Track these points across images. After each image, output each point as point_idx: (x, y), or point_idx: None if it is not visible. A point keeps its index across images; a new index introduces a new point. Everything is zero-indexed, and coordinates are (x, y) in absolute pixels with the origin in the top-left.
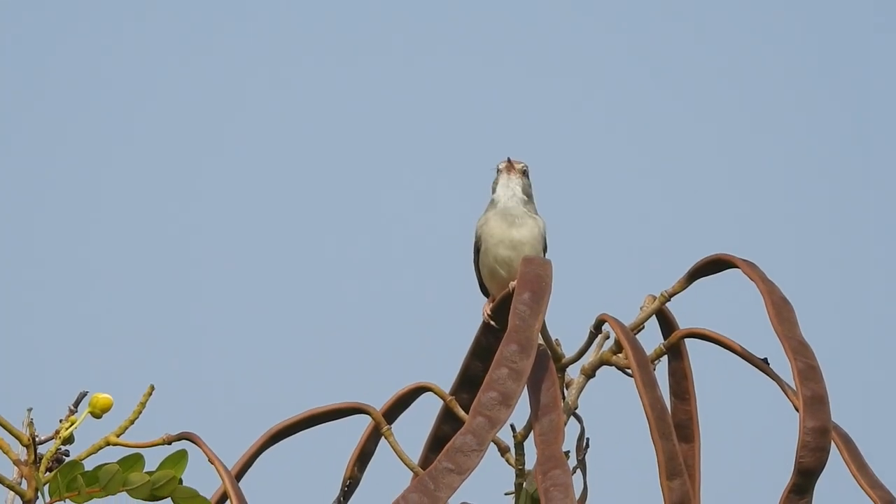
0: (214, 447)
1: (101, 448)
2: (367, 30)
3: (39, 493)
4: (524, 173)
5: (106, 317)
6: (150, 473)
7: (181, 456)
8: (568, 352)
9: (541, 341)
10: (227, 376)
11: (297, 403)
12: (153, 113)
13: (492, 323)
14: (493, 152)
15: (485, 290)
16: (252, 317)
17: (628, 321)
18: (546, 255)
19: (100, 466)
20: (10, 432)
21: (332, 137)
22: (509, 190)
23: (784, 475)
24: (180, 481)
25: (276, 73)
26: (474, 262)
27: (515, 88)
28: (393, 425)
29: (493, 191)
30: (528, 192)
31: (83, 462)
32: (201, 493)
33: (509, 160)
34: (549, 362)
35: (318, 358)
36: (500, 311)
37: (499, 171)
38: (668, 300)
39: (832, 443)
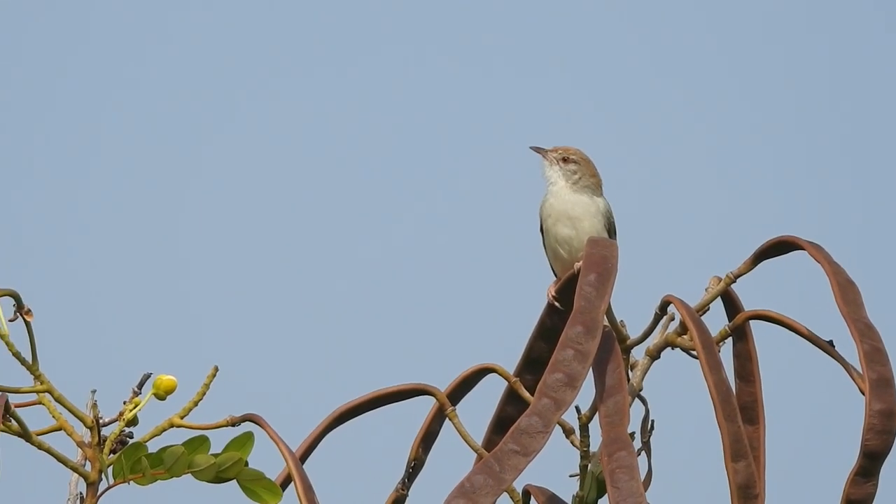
0: (278, 429)
1: (164, 430)
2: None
3: (103, 475)
4: (564, 160)
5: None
6: (215, 455)
7: (247, 438)
8: (633, 333)
9: (606, 323)
10: (293, 359)
11: (363, 386)
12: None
13: (556, 304)
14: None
15: (555, 273)
16: (318, 300)
17: (693, 303)
18: (615, 237)
19: (165, 448)
20: (75, 414)
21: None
22: (550, 175)
23: (850, 458)
24: (246, 463)
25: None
26: (543, 244)
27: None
28: (457, 407)
29: (544, 176)
30: (572, 176)
31: (147, 444)
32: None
33: (538, 148)
34: (614, 344)
35: (384, 340)
36: (565, 291)
37: (545, 158)
38: (734, 282)
39: None
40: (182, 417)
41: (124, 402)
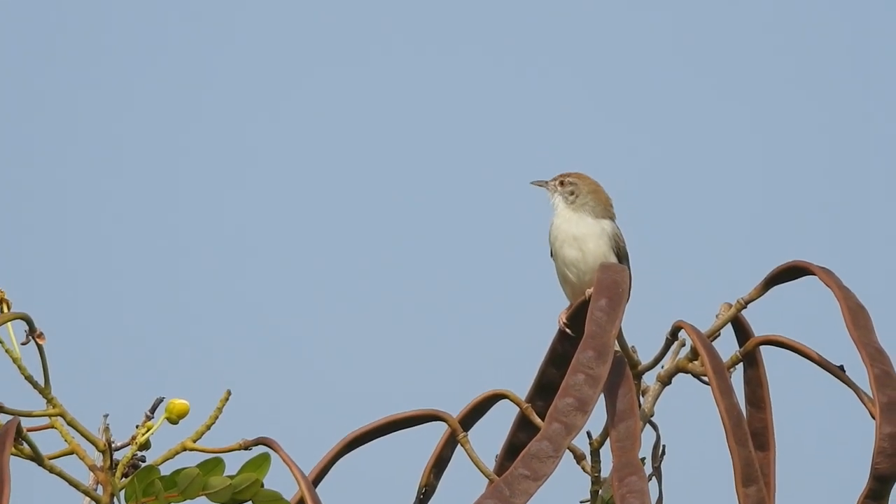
0: (291, 453)
1: (177, 453)
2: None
3: (115, 499)
4: (561, 183)
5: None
6: (230, 477)
7: (263, 459)
8: (644, 359)
9: (617, 348)
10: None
11: (375, 411)
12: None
13: (567, 330)
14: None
15: (567, 296)
16: (331, 324)
17: (704, 328)
18: (627, 262)
19: (179, 471)
20: (87, 438)
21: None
22: (554, 202)
23: (860, 482)
24: (262, 485)
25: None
26: (555, 270)
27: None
28: (469, 432)
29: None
30: (570, 197)
31: (159, 467)
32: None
33: (539, 182)
34: (625, 369)
35: (397, 365)
36: (576, 318)
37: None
38: (745, 307)
39: None
40: (195, 441)
41: (137, 426)
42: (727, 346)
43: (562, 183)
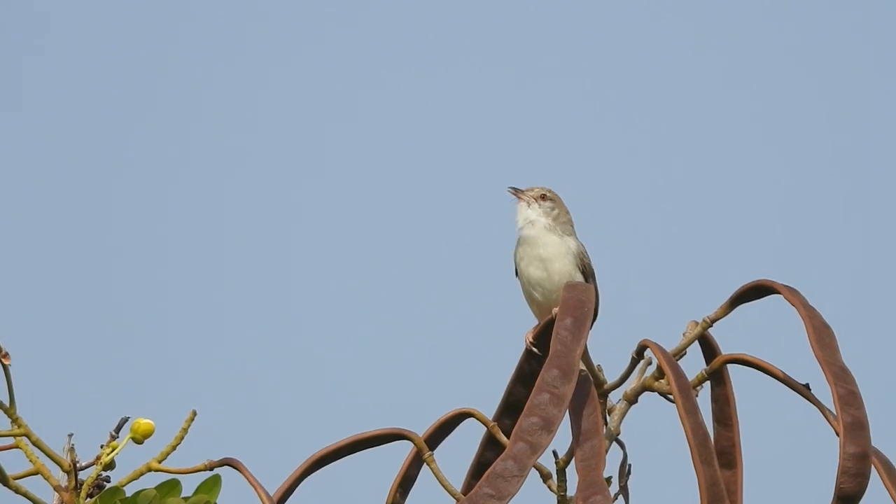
0: (257, 473)
1: (142, 474)
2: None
3: None
4: (543, 197)
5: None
6: (186, 499)
7: (215, 482)
8: (610, 377)
9: (583, 367)
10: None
11: (341, 430)
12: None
13: (534, 349)
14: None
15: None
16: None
17: (671, 347)
18: (593, 281)
19: (139, 492)
20: (52, 458)
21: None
22: (523, 217)
23: (824, 501)
24: None
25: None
26: (521, 288)
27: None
28: (435, 451)
29: (517, 215)
30: (552, 213)
31: (124, 488)
32: None
33: (515, 189)
34: (590, 388)
35: (363, 384)
36: (543, 337)
37: (517, 199)
38: (711, 326)
39: (872, 468)
40: (160, 461)
41: (101, 446)
42: (694, 364)
43: (543, 197)
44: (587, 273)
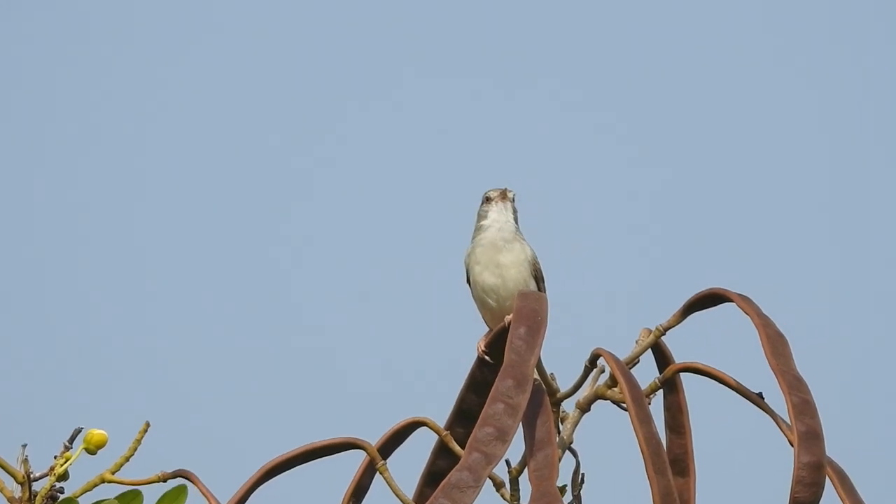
0: (209, 484)
1: (96, 485)
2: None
3: None
4: (513, 200)
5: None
6: None
7: (180, 491)
8: (563, 386)
9: (536, 376)
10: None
11: (293, 439)
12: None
13: (486, 357)
14: (480, 180)
15: (486, 322)
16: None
17: (623, 355)
18: (543, 285)
19: (98, 503)
20: (5, 469)
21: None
22: (503, 218)
23: None
24: None
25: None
26: (471, 294)
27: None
28: (388, 460)
29: (484, 218)
30: (517, 220)
31: (78, 499)
32: None
33: (504, 189)
34: (543, 397)
35: (314, 392)
36: (495, 344)
37: (489, 199)
38: (664, 334)
39: (827, 478)
40: (114, 473)
41: (55, 457)
42: (648, 372)
43: (513, 200)
44: (538, 278)
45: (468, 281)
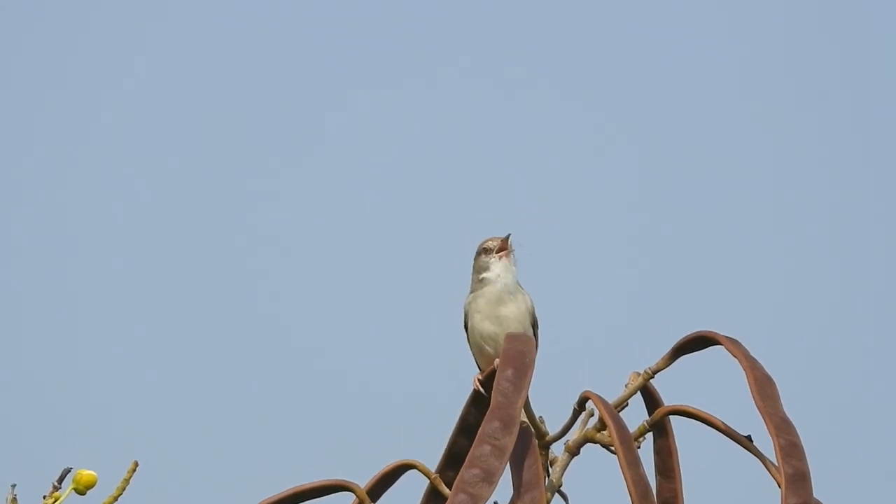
0: None
1: None
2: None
3: None
4: (510, 250)
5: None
6: None
7: None
8: (552, 429)
9: (524, 418)
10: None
11: (282, 480)
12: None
13: (481, 390)
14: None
15: (479, 368)
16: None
17: (612, 398)
18: (538, 331)
19: None
20: None
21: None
22: (507, 274)
23: None
24: None
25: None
26: (467, 339)
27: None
28: (377, 503)
29: (486, 270)
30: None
31: None
32: None
33: (506, 241)
34: (531, 439)
35: (303, 433)
36: (488, 384)
37: (488, 250)
38: (652, 377)
39: None
40: None
41: (44, 497)
42: (637, 415)
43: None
44: (535, 325)
45: (465, 326)
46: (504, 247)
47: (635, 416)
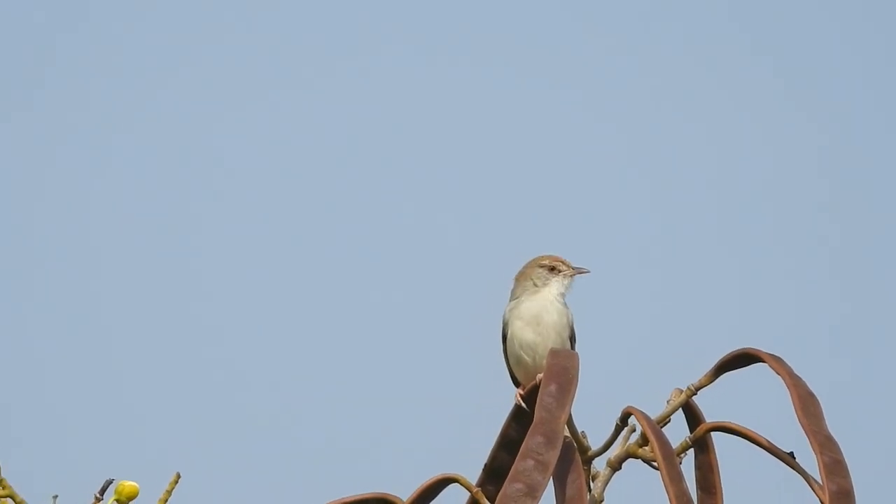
0: None
1: None
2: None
3: None
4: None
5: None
6: None
7: None
8: (594, 444)
9: (567, 433)
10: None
11: (323, 495)
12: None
13: (523, 405)
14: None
15: (515, 381)
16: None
17: (655, 414)
18: (575, 346)
19: None
20: None
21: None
22: (563, 291)
23: None
24: None
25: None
26: (503, 351)
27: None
28: None
29: (545, 284)
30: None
31: None
32: None
33: (569, 264)
34: (574, 454)
35: (345, 446)
36: (530, 400)
37: (554, 269)
38: (695, 393)
39: None
40: None
41: None
42: (679, 431)
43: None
44: (572, 338)
45: (503, 338)
46: (567, 269)
47: (677, 432)
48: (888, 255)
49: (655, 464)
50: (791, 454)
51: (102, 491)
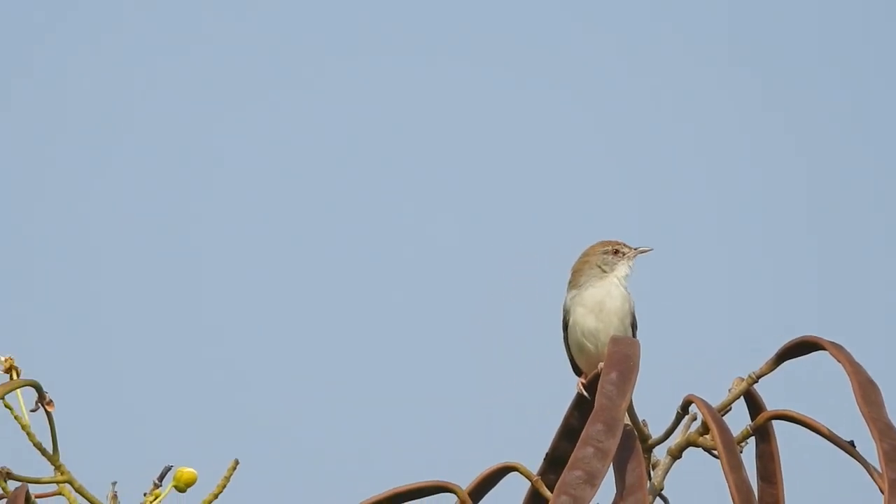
0: None
1: None
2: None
3: None
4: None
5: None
6: None
7: None
8: (655, 432)
9: (627, 421)
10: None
11: (383, 481)
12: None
13: (585, 394)
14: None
15: (577, 370)
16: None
17: (716, 402)
18: (636, 333)
19: None
20: None
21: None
22: (627, 273)
23: None
24: None
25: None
26: (563, 340)
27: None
28: None
29: (611, 269)
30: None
31: None
32: None
33: (634, 248)
34: (635, 442)
35: (405, 435)
36: (591, 388)
37: (619, 252)
38: (756, 382)
39: None
40: None
41: (145, 494)
42: (739, 420)
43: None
44: (633, 325)
45: (564, 327)
46: (631, 252)
47: (737, 421)
48: None
49: (716, 452)
50: (851, 442)
51: (161, 477)
